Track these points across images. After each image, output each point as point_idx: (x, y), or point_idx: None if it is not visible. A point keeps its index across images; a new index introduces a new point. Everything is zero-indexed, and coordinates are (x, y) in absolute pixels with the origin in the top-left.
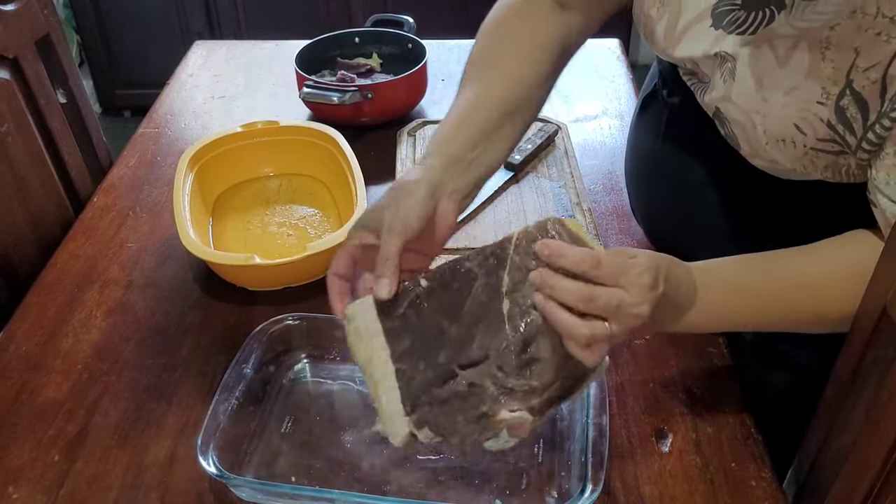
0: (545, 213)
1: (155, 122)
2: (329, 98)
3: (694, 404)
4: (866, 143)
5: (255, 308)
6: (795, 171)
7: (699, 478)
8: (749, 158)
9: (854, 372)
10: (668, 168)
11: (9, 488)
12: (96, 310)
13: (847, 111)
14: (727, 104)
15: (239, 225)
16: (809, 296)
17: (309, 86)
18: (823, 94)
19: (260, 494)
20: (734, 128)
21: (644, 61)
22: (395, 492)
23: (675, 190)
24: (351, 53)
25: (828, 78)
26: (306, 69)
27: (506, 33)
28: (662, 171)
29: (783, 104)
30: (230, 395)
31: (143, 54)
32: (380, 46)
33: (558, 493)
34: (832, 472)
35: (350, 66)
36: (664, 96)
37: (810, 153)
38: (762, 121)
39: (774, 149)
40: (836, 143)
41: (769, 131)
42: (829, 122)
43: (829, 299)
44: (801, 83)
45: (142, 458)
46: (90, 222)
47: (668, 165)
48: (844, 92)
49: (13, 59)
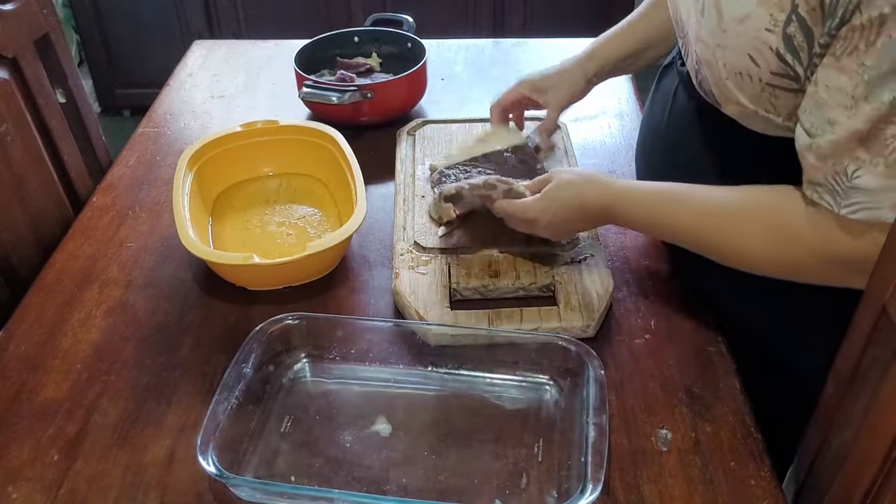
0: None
1: (154, 122)
2: (328, 98)
3: (693, 404)
4: (812, 72)
5: (254, 308)
6: (758, 114)
7: (699, 477)
8: (722, 106)
9: (853, 371)
10: (670, 139)
11: (8, 488)
12: (96, 309)
13: (794, 39)
14: (699, 45)
15: (238, 224)
16: (715, 225)
17: (308, 86)
18: (771, 21)
19: (259, 494)
20: (704, 69)
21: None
22: (395, 492)
23: (675, 162)
24: (350, 53)
25: (775, 4)
26: (306, 69)
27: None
28: (666, 144)
29: (737, 33)
30: (230, 394)
31: (142, 54)
32: (379, 46)
33: (558, 492)
34: (831, 471)
35: (349, 65)
36: (678, 65)
37: (767, 89)
38: (722, 55)
39: (734, 85)
40: (788, 79)
41: (728, 64)
42: (777, 52)
43: (735, 233)
44: (753, 10)
45: (141, 458)
46: (89, 222)
47: (671, 137)
48: (791, 18)
49: (12, 58)
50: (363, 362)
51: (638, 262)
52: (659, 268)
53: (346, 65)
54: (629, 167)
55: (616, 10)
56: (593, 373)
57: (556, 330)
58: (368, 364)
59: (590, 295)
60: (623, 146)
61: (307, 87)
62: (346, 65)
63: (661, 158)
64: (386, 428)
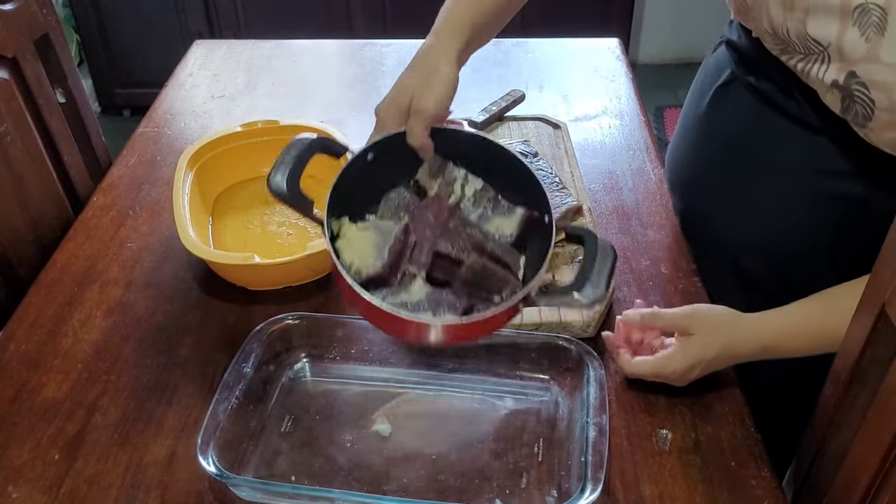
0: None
1: (154, 122)
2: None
3: (693, 404)
4: None
5: (254, 308)
6: None
7: (699, 477)
8: (874, 136)
9: (852, 371)
10: (766, 154)
11: (9, 487)
12: (96, 309)
13: None
14: (869, 66)
15: (238, 224)
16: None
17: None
18: None
19: (259, 494)
20: (874, 93)
21: (644, 61)
22: (395, 491)
23: (768, 177)
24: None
25: None
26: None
27: None
28: (760, 158)
29: None
30: (230, 394)
31: (142, 54)
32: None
33: (558, 492)
34: (831, 471)
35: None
36: (752, 82)
37: None
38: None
39: None
40: None
41: None
42: None
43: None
44: None
45: (142, 458)
46: (90, 222)
47: (766, 152)
48: None
49: (12, 58)
50: (363, 362)
51: (638, 262)
52: (659, 268)
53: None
54: (629, 167)
55: (616, 10)
56: (593, 373)
57: (556, 330)
58: (368, 364)
59: None
60: (623, 146)
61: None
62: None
63: (747, 170)
64: (386, 428)
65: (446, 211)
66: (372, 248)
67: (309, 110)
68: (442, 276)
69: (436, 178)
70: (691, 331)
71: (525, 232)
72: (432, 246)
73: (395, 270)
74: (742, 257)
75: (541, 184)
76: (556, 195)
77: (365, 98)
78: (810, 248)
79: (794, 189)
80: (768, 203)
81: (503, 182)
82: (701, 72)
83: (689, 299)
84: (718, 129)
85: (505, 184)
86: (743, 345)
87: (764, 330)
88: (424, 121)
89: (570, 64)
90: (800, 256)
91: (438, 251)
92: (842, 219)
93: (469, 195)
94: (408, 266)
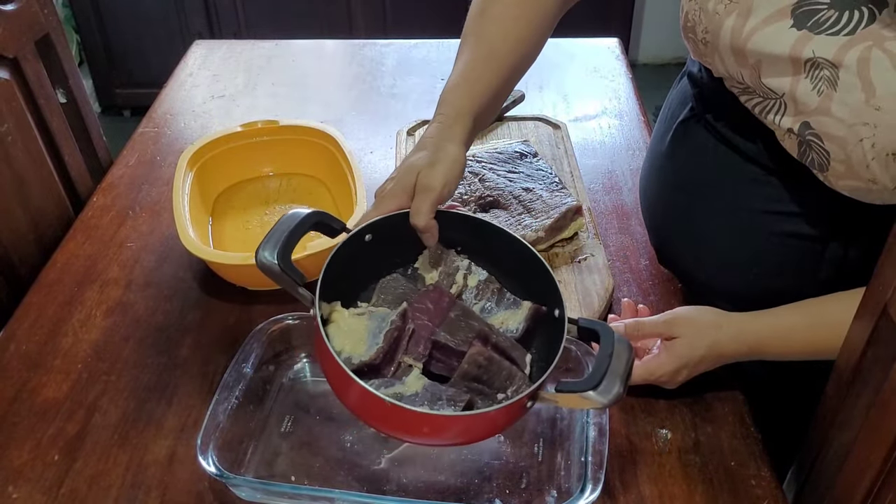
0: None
1: (154, 122)
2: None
3: (693, 404)
4: None
5: (254, 308)
6: (886, 191)
7: (699, 477)
8: (832, 181)
9: (854, 371)
10: (723, 197)
11: (9, 488)
12: (96, 309)
13: None
14: (821, 118)
15: (238, 224)
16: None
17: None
18: None
19: (259, 494)
20: (828, 144)
21: (644, 61)
22: (395, 492)
23: (729, 218)
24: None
25: None
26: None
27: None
28: (717, 201)
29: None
30: (230, 394)
31: (142, 54)
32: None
33: (558, 492)
34: (833, 471)
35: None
36: (710, 120)
37: None
38: (871, 133)
39: (880, 166)
40: None
41: (880, 144)
42: None
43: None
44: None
45: (142, 458)
46: (90, 222)
47: (723, 194)
48: None
49: (13, 58)
50: None
51: (638, 262)
52: (659, 268)
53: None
54: (629, 167)
55: (616, 10)
56: None
57: None
58: None
59: (590, 295)
60: (623, 146)
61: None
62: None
63: (708, 212)
64: None
65: (447, 299)
66: (365, 335)
67: (309, 110)
68: (441, 369)
69: (436, 267)
70: (675, 334)
71: (532, 327)
72: (431, 335)
73: (390, 359)
74: (711, 299)
75: (552, 275)
76: (556, 195)
77: (365, 98)
78: (774, 292)
79: (753, 232)
80: (728, 244)
81: (509, 271)
82: (666, 104)
83: (688, 299)
84: (679, 170)
85: (512, 273)
86: (728, 345)
87: (749, 332)
88: (431, 199)
89: (570, 64)
90: (766, 301)
91: (437, 341)
92: (804, 260)
93: (472, 285)
94: (403, 357)
